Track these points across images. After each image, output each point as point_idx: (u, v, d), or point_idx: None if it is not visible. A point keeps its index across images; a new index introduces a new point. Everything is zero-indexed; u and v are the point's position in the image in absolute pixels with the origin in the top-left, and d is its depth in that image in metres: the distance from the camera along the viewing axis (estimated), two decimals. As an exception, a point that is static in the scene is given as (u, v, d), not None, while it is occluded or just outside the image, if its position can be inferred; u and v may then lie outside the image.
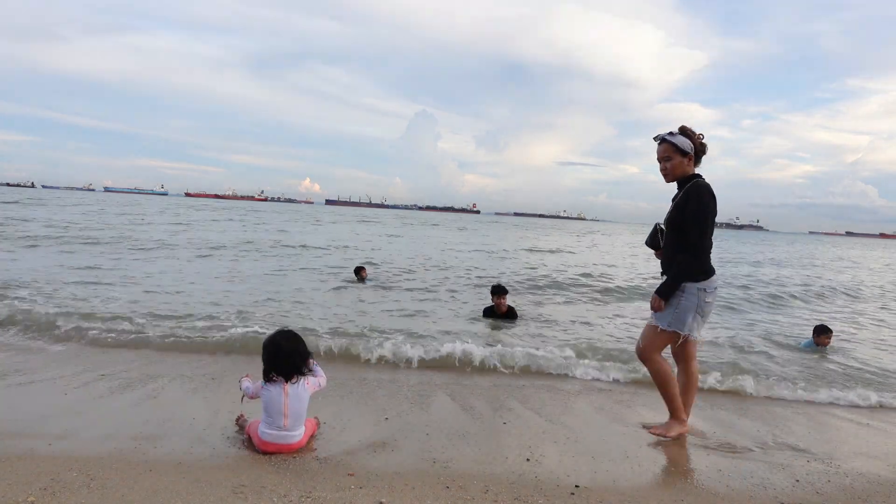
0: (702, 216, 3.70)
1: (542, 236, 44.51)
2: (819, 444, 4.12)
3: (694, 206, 3.71)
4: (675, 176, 3.86)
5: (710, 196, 3.74)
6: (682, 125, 3.87)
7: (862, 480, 3.50)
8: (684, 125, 3.86)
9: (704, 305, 3.80)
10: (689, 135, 3.83)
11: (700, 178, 3.83)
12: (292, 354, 3.50)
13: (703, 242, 3.74)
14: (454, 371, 5.58)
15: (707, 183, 3.80)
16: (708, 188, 3.77)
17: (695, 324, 3.84)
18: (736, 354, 6.96)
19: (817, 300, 14.09)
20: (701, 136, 3.85)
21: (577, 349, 6.45)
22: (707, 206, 3.71)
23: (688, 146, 3.80)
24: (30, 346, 5.76)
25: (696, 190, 3.75)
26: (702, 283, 3.77)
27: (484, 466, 3.38)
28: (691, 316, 3.80)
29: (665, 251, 3.95)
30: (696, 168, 3.87)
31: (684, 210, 3.75)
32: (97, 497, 2.74)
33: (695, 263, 3.75)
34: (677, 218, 3.80)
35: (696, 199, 3.71)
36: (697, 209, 3.70)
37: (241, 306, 8.38)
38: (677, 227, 3.80)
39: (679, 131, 3.84)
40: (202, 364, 5.33)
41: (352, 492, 2.94)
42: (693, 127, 3.87)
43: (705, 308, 3.82)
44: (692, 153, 3.81)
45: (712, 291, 3.82)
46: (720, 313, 10.20)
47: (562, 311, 10.05)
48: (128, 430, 3.67)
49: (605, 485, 3.24)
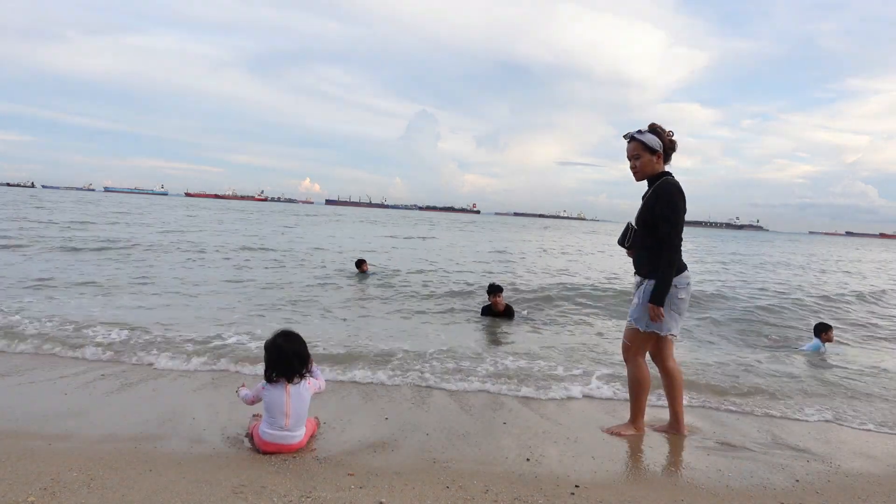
0: (672, 214, 3.70)
1: (565, 236, 43.52)
2: (819, 444, 4.12)
3: (664, 204, 3.72)
4: (644, 174, 3.88)
5: (680, 193, 3.75)
6: (652, 123, 3.86)
7: (862, 480, 3.50)
8: (654, 123, 3.86)
9: (679, 302, 3.83)
10: (659, 132, 3.82)
11: (669, 175, 3.84)
12: (294, 355, 3.52)
13: (679, 239, 3.75)
14: (455, 370, 5.58)
15: (676, 181, 3.82)
16: (677, 186, 3.79)
17: (672, 322, 3.86)
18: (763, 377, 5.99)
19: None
20: (670, 133, 3.84)
21: (577, 349, 6.46)
22: (676, 204, 3.71)
23: (657, 144, 3.80)
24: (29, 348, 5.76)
25: (665, 188, 3.76)
26: (674, 280, 3.78)
27: (484, 466, 3.38)
28: (667, 314, 3.82)
29: (636, 250, 3.97)
30: (665, 166, 3.87)
31: (654, 208, 3.77)
32: (97, 497, 2.74)
33: (674, 261, 3.75)
34: (647, 216, 3.82)
35: (666, 197, 3.72)
36: (667, 207, 3.71)
37: (249, 308, 8.39)
38: (648, 226, 3.83)
39: (649, 129, 3.84)
40: (202, 364, 5.33)
41: (352, 492, 2.94)
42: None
43: (680, 305, 3.85)
44: (661, 151, 3.82)
45: (685, 287, 3.84)
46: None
47: (568, 308, 10.04)
48: (128, 430, 3.67)
49: (605, 485, 3.24)
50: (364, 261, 12.68)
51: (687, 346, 7.45)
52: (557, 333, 7.89)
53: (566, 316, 9.45)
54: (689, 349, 7.23)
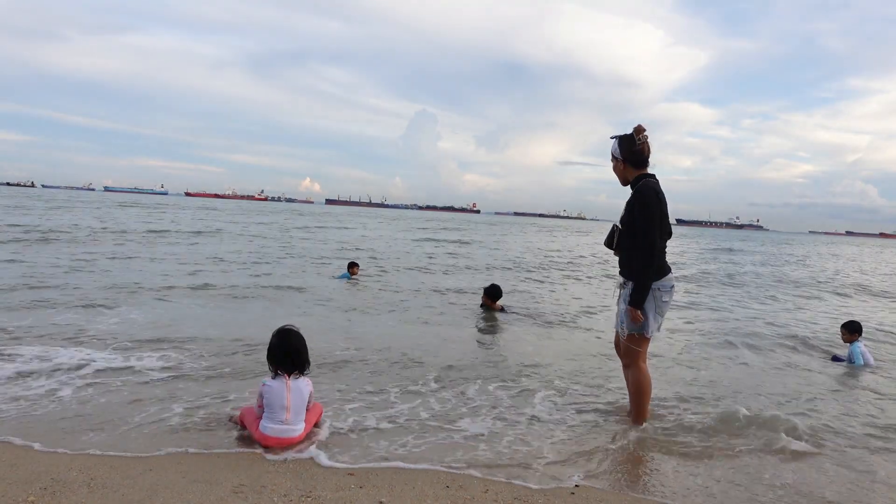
0: (647, 216, 3.76)
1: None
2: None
3: (639, 207, 3.80)
4: (620, 179, 3.99)
5: (654, 195, 3.80)
6: (637, 125, 3.89)
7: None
8: (639, 125, 3.89)
9: (661, 305, 3.90)
10: (629, 137, 3.88)
11: (649, 177, 3.89)
12: (297, 351, 3.65)
13: (653, 241, 3.78)
14: (455, 370, 5.58)
15: (653, 182, 3.87)
16: (651, 187, 3.83)
17: (655, 323, 3.93)
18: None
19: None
20: (640, 138, 3.86)
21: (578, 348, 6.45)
22: (650, 206, 3.76)
23: (616, 151, 3.92)
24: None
25: (639, 189, 3.84)
26: (656, 283, 3.85)
27: (484, 466, 3.38)
28: (651, 316, 3.89)
29: (621, 251, 4.02)
30: (648, 168, 3.92)
31: (633, 211, 3.84)
32: (97, 497, 2.74)
33: (651, 264, 3.80)
34: (628, 218, 3.89)
35: (641, 201, 3.79)
36: (642, 210, 3.78)
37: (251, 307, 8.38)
38: (629, 227, 3.89)
39: (633, 131, 3.88)
40: (201, 363, 5.33)
41: (352, 491, 2.94)
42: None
43: (662, 307, 3.91)
44: (621, 158, 3.91)
45: (668, 290, 3.91)
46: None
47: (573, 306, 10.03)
48: (128, 430, 3.67)
49: (605, 485, 3.24)
50: (356, 264, 12.53)
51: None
52: (561, 333, 7.88)
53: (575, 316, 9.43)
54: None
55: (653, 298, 3.86)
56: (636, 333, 3.95)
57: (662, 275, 3.88)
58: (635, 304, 3.84)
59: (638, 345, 3.99)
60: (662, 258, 3.90)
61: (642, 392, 4.09)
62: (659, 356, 6.29)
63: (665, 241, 3.94)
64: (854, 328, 6.76)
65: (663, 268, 3.90)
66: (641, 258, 3.81)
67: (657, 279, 3.85)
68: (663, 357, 6.34)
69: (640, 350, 4.01)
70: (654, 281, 3.84)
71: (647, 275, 3.80)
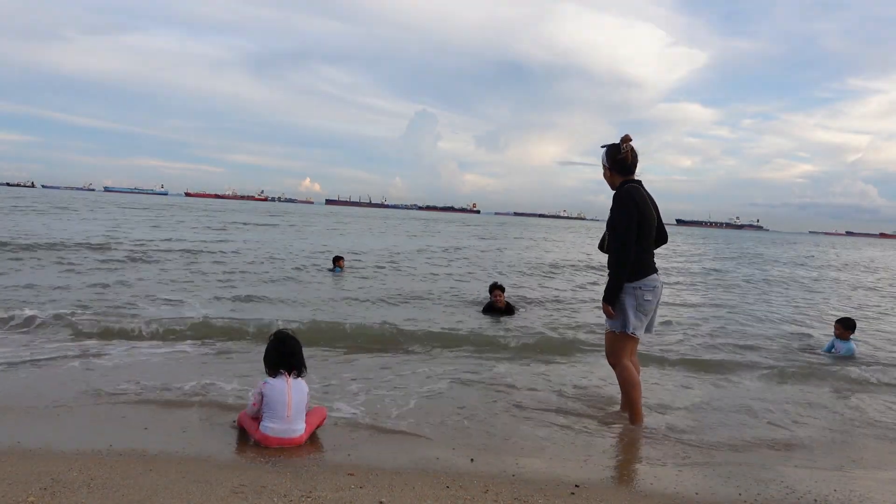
0: (623, 219, 3.92)
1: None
2: (823, 445, 4.11)
3: (615, 208, 3.99)
4: (609, 185, 4.16)
5: (630, 199, 3.93)
6: (624, 135, 4.04)
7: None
8: (626, 135, 4.04)
9: (644, 304, 3.98)
10: (615, 146, 4.03)
11: (630, 183, 4.03)
12: (296, 353, 3.69)
13: (626, 241, 3.89)
14: (454, 372, 5.58)
15: (634, 187, 4.00)
16: (628, 192, 3.97)
17: (637, 322, 3.99)
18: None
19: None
20: (625, 146, 4.01)
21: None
22: (625, 210, 3.92)
23: (604, 159, 4.10)
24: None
25: (618, 194, 4.03)
26: (637, 282, 3.94)
27: (484, 466, 3.38)
28: (632, 314, 3.96)
29: (609, 252, 4.14)
30: (629, 175, 4.05)
31: (613, 215, 4.02)
32: (97, 497, 2.74)
33: (625, 263, 3.90)
34: (609, 221, 4.09)
35: (617, 204, 3.98)
36: (617, 211, 3.96)
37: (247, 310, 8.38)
38: (611, 229, 4.06)
39: (620, 141, 4.03)
40: (200, 364, 5.33)
41: (352, 492, 2.93)
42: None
43: (645, 306, 3.99)
44: (608, 165, 4.08)
45: (651, 289, 3.98)
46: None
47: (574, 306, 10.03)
48: (128, 430, 3.67)
49: (605, 485, 3.24)
50: (341, 258, 13.42)
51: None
52: (561, 332, 7.87)
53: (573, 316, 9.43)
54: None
55: (634, 297, 3.95)
56: (618, 331, 4.03)
57: (645, 274, 3.97)
58: (605, 299, 4.01)
59: (622, 343, 4.06)
60: (647, 258, 4.00)
61: (631, 390, 4.14)
62: (659, 356, 6.29)
63: (658, 245, 4.14)
64: (849, 325, 7.01)
65: (647, 267, 3.99)
66: (615, 256, 3.96)
67: (639, 278, 3.94)
68: (664, 357, 6.35)
69: (623, 348, 4.08)
70: (634, 280, 3.93)
71: (619, 273, 3.93)
